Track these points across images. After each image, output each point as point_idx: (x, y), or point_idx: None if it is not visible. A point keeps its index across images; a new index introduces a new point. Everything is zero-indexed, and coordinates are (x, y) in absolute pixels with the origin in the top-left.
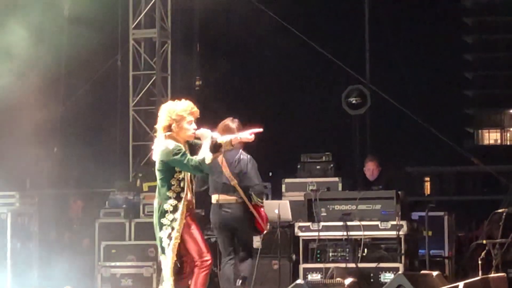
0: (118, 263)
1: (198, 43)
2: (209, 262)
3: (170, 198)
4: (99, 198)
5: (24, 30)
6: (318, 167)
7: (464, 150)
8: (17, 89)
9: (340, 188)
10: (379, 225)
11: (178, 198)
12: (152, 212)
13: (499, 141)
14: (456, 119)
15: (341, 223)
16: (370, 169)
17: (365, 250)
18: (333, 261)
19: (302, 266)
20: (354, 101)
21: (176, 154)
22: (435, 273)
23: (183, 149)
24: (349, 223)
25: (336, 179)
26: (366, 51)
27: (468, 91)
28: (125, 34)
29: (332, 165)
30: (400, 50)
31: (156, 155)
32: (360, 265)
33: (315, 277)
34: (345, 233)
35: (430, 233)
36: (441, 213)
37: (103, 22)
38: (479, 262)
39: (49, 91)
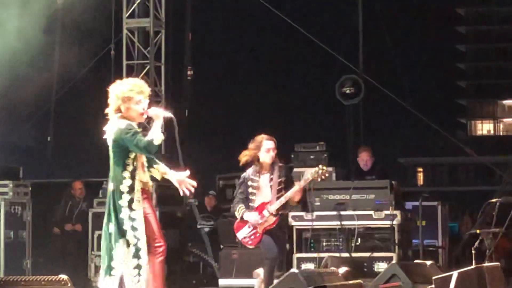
0: None
1: (191, 33)
2: (162, 248)
3: (125, 178)
4: (92, 187)
5: (17, 18)
6: (312, 156)
7: (457, 141)
8: (9, 78)
9: (334, 177)
10: (373, 214)
11: (133, 178)
12: None
13: (492, 132)
14: (449, 110)
15: (335, 213)
16: (364, 159)
17: (359, 239)
18: (327, 251)
19: (295, 255)
20: (348, 91)
21: (127, 133)
22: (428, 262)
23: (135, 128)
24: (343, 213)
25: (330, 168)
26: (360, 40)
27: (461, 82)
28: (118, 24)
29: (325, 154)
30: (394, 40)
31: (109, 136)
32: (354, 254)
33: (309, 266)
34: (339, 223)
35: (423, 222)
36: (435, 203)
37: (96, 11)
38: (473, 251)
39: (42, 80)
